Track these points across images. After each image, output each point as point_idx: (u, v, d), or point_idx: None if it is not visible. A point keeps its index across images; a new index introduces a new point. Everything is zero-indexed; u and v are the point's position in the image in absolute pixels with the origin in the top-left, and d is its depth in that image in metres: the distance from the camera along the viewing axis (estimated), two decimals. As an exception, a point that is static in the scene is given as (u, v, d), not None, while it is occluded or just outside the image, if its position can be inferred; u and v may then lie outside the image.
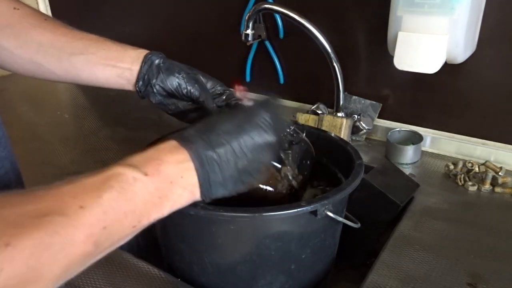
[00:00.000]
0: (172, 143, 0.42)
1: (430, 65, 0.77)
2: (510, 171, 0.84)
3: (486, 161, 0.84)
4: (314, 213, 0.51)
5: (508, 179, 0.81)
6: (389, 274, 0.61)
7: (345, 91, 0.94)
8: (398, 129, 0.95)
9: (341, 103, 0.94)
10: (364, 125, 0.95)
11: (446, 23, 0.74)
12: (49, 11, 1.57)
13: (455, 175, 0.83)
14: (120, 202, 0.36)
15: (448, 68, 0.80)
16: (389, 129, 0.95)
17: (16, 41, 0.55)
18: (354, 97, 1.01)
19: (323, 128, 0.93)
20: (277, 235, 0.54)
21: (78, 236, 0.33)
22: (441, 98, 0.92)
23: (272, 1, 0.99)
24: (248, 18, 0.92)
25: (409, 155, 0.90)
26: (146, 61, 0.57)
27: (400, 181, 0.77)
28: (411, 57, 0.78)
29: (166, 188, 0.39)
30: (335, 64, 0.89)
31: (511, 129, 0.87)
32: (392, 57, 0.80)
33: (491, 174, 0.80)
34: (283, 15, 0.95)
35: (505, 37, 0.82)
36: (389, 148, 0.92)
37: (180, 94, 0.58)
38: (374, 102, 0.99)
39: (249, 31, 0.94)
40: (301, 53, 1.06)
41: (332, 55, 0.88)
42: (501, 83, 0.85)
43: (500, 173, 0.81)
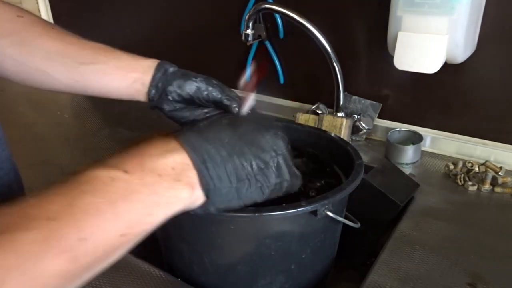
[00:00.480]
0: (157, 138, 0.38)
1: (430, 65, 0.77)
2: (510, 171, 0.84)
3: (486, 161, 0.84)
4: (314, 213, 0.51)
5: (508, 179, 0.81)
6: (389, 274, 0.61)
7: (345, 91, 0.94)
8: (398, 129, 0.95)
9: (341, 103, 0.94)
10: (364, 125, 0.95)
11: (446, 23, 0.74)
12: (49, 12, 1.57)
13: (455, 175, 0.83)
14: (96, 207, 0.31)
15: (448, 68, 0.80)
16: (389, 129, 0.95)
17: (21, 49, 0.53)
18: (354, 97, 1.01)
19: (323, 128, 0.93)
20: (277, 235, 0.54)
21: (48, 252, 0.28)
22: (441, 98, 0.92)
23: (272, 1, 0.99)
24: (248, 18, 0.92)
25: (409, 155, 0.89)
26: (159, 69, 0.55)
27: (400, 181, 0.77)
28: (411, 57, 0.78)
29: (154, 183, 0.34)
30: (335, 64, 0.89)
31: (511, 129, 0.87)
32: (392, 57, 0.80)
33: (491, 174, 0.80)
34: (283, 15, 0.95)
35: (505, 37, 0.82)
36: (389, 148, 0.92)
37: (200, 98, 0.54)
38: (374, 102, 0.99)
39: (249, 31, 0.94)
40: (301, 53, 1.06)
41: (332, 55, 0.88)
42: (501, 83, 0.85)
43: (500, 173, 0.81)
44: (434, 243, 0.67)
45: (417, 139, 0.92)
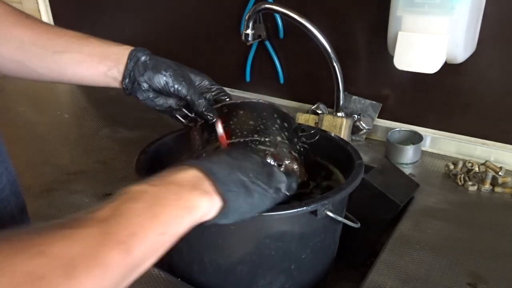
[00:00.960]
0: (188, 167, 0.42)
1: (430, 65, 0.77)
2: (510, 171, 0.84)
3: (486, 161, 0.84)
4: (314, 213, 0.51)
5: (508, 179, 0.81)
6: (389, 274, 0.61)
7: (345, 91, 0.94)
8: (398, 129, 0.95)
9: (341, 103, 0.94)
10: (364, 125, 0.95)
11: (446, 23, 0.74)
12: (49, 12, 1.57)
13: (455, 175, 0.83)
14: (136, 211, 0.35)
15: (448, 68, 0.80)
16: (389, 129, 0.95)
17: None
18: (354, 97, 1.01)
19: (323, 128, 0.93)
20: (277, 235, 0.54)
21: (106, 244, 0.31)
22: (441, 98, 0.92)
23: (272, 1, 0.99)
24: (248, 18, 0.92)
25: (409, 155, 0.90)
26: (131, 58, 0.56)
27: (400, 181, 0.77)
28: (411, 57, 0.78)
29: (177, 191, 0.39)
30: (335, 64, 0.89)
31: (511, 129, 0.87)
32: (392, 57, 0.80)
33: (491, 174, 0.80)
34: (283, 15, 0.95)
35: (505, 37, 0.82)
36: (389, 148, 0.92)
37: (167, 92, 0.57)
38: (374, 102, 0.99)
39: (249, 31, 0.94)
40: (301, 53, 1.06)
41: (332, 55, 0.88)
42: (501, 83, 0.85)
43: (500, 173, 0.81)
44: (434, 243, 0.67)
45: (417, 139, 0.92)
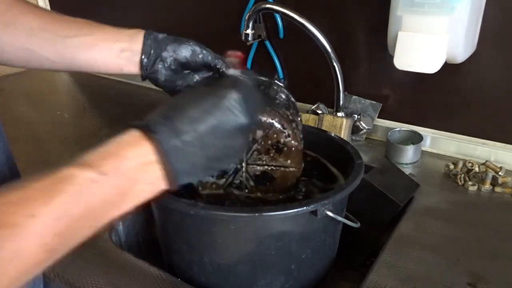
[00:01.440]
0: (134, 134, 0.39)
1: (430, 65, 0.77)
2: (510, 171, 0.84)
3: (486, 161, 0.84)
4: (314, 213, 0.51)
5: (508, 179, 0.81)
6: (389, 274, 0.61)
7: (345, 91, 0.94)
8: (398, 129, 0.95)
9: (341, 103, 0.94)
10: (364, 125, 0.95)
11: (446, 23, 0.74)
12: (48, 9, 1.57)
13: (455, 175, 0.83)
14: (74, 206, 0.33)
15: (448, 68, 0.80)
16: (389, 129, 0.95)
17: (5, 29, 0.52)
18: (354, 97, 1.01)
19: (323, 128, 0.93)
20: (277, 235, 0.54)
21: (29, 247, 0.31)
22: (441, 98, 0.92)
23: (272, 1, 0.99)
24: (248, 18, 0.92)
25: (409, 155, 0.89)
26: (148, 36, 0.54)
27: (400, 181, 0.77)
28: (411, 57, 0.78)
29: (127, 185, 0.37)
30: (335, 64, 0.89)
31: (511, 129, 0.87)
32: (392, 57, 0.80)
33: (491, 174, 0.80)
34: (283, 15, 0.95)
35: (505, 37, 0.82)
36: (389, 148, 0.92)
37: (195, 61, 0.55)
38: (374, 102, 0.99)
39: (249, 31, 0.94)
40: (301, 53, 1.06)
41: (332, 55, 0.88)
42: (501, 83, 0.85)
43: (500, 173, 0.81)
44: (434, 243, 0.67)
45: (417, 139, 0.92)
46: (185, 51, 0.54)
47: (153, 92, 1.11)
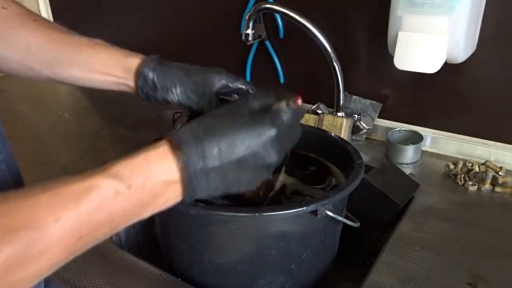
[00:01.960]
0: (163, 148, 0.39)
1: (430, 65, 0.77)
2: (510, 171, 0.84)
3: (486, 161, 0.84)
4: (314, 213, 0.51)
5: (508, 179, 0.81)
6: (389, 274, 0.61)
7: (345, 91, 0.94)
8: (398, 129, 0.95)
9: (341, 103, 0.94)
10: (364, 125, 0.95)
11: (446, 23, 0.74)
12: (49, 12, 1.57)
13: (455, 175, 0.83)
14: (98, 214, 0.35)
15: (448, 68, 0.80)
16: (389, 129, 0.95)
17: (2, 44, 0.52)
18: (354, 97, 1.01)
19: (323, 128, 0.93)
20: (277, 235, 0.54)
21: (52, 248, 0.33)
22: (441, 98, 0.92)
23: (272, 1, 0.99)
24: (248, 18, 0.92)
25: (409, 155, 0.90)
26: (139, 75, 0.56)
27: (400, 181, 0.77)
28: (411, 57, 0.78)
29: (149, 198, 0.39)
30: (335, 64, 0.89)
31: (511, 129, 0.87)
32: (392, 57, 0.80)
33: (491, 174, 0.80)
34: (283, 15, 0.95)
35: (505, 37, 0.82)
36: (389, 148, 0.92)
37: (183, 104, 0.58)
38: (374, 102, 0.99)
39: (249, 31, 0.94)
40: (301, 53, 1.06)
41: (332, 55, 0.88)
42: (501, 82, 0.85)
43: (500, 173, 0.81)
44: (434, 243, 0.67)
45: (417, 139, 0.92)
46: (171, 99, 0.57)
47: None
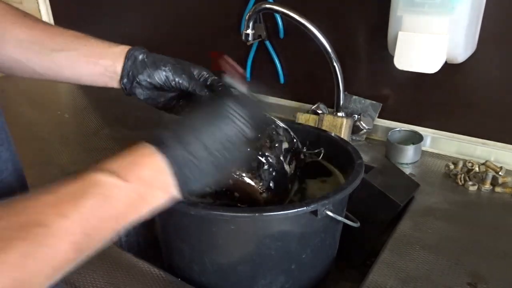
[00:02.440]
0: (147, 146, 0.42)
1: (430, 65, 0.77)
2: (510, 171, 0.84)
3: (486, 161, 0.84)
4: (314, 213, 0.51)
5: (508, 179, 0.81)
6: (389, 274, 0.61)
7: (345, 91, 0.94)
8: (398, 129, 0.95)
9: (341, 103, 0.94)
10: (364, 125, 0.95)
11: (446, 23, 0.74)
12: (49, 12, 1.57)
13: (455, 175, 0.83)
14: (101, 208, 0.37)
15: (448, 68, 0.80)
16: (389, 129, 0.95)
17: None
18: (354, 97, 1.01)
19: (323, 128, 0.93)
20: (277, 235, 0.54)
21: (60, 244, 0.34)
22: (441, 98, 0.92)
23: (272, 1, 0.99)
24: (248, 18, 0.92)
25: (409, 155, 0.90)
26: (129, 57, 0.56)
27: (400, 181, 0.78)
28: (411, 57, 0.78)
29: (145, 190, 0.40)
30: (335, 64, 0.89)
31: (511, 129, 0.87)
32: (392, 57, 0.80)
33: (491, 174, 0.80)
34: (283, 15, 0.95)
35: (505, 37, 0.82)
36: (389, 148, 0.92)
37: (168, 86, 0.57)
38: (374, 102, 0.99)
39: (249, 31, 0.94)
40: (301, 53, 1.06)
41: (332, 55, 0.88)
42: (501, 83, 0.85)
43: (500, 173, 0.81)
44: (434, 243, 0.67)
45: (417, 139, 0.92)
46: (158, 77, 0.56)
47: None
